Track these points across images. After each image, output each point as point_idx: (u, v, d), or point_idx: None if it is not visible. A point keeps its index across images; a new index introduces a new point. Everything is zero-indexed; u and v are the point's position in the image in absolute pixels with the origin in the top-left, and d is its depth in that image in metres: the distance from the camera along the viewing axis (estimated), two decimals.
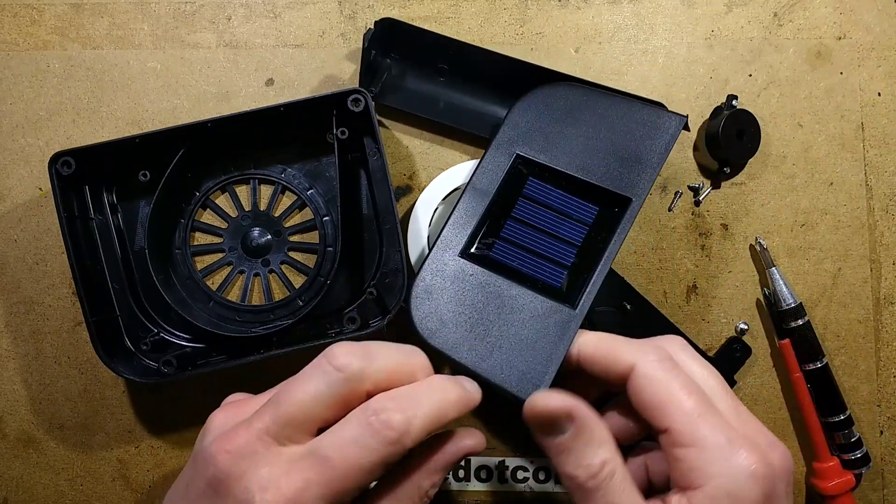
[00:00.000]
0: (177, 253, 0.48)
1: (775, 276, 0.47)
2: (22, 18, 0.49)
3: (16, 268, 0.49)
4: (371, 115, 0.43)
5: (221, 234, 0.49)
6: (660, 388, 0.33)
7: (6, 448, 0.49)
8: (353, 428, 0.30)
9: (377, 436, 0.30)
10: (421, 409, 0.31)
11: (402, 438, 0.30)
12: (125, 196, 0.47)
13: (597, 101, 0.42)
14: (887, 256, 0.49)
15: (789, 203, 0.49)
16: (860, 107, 0.49)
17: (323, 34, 0.50)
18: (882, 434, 0.49)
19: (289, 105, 0.43)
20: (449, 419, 0.33)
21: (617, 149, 0.41)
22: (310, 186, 0.48)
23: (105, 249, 0.46)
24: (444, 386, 0.33)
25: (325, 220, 0.48)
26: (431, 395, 0.32)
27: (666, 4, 0.50)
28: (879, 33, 0.50)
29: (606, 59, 0.49)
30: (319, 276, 0.48)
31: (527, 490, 0.48)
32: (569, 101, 0.42)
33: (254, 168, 0.48)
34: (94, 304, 0.44)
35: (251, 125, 0.45)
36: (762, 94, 0.49)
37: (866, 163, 0.49)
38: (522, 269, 0.41)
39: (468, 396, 0.34)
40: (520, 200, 0.42)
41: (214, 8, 0.50)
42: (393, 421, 0.30)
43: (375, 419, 0.30)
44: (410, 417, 0.31)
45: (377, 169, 0.46)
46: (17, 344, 0.49)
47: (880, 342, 0.49)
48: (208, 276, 0.48)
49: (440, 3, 0.49)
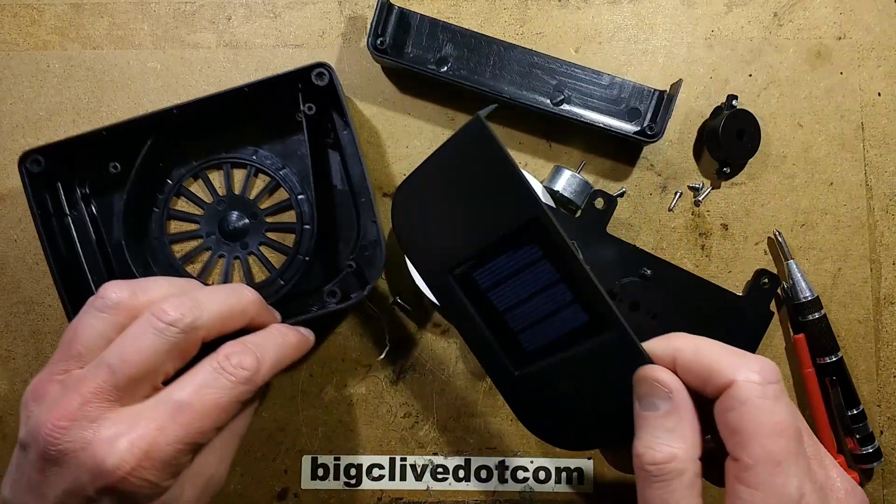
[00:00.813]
0: (154, 242, 0.48)
1: (793, 269, 0.47)
2: (22, 18, 0.49)
3: (16, 268, 0.49)
4: (336, 88, 0.43)
5: (198, 221, 0.49)
6: (749, 416, 0.29)
7: (6, 448, 0.49)
8: (208, 373, 0.33)
9: (231, 376, 0.33)
10: (268, 351, 0.35)
11: (253, 377, 0.33)
12: (99, 190, 0.47)
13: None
14: (887, 256, 0.49)
15: (789, 203, 0.49)
16: (860, 107, 0.49)
17: (323, 34, 0.50)
18: (882, 434, 0.49)
19: (253, 85, 0.43)
20: (290, 360, 0.37)
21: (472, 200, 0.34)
22: (283, 166, 0.48)
23: (83, 244, 0.46)
24: (284, 332, 0.38)
25: (301, 198, 0.48)
26: (275, 339, 0.36)
27: (666, 4, 0.50)
28: (879, 33, 0.50)
29: (606, 59, 0.49)
30: (299, 255, 0.48)
31: (527, 490, 0.48)
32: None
33: (225, 152, 0.48)
34: (74, 300, 0.44)
35: (218, 109, 0.45)
36: (762, 94, 0.49)
37: (866, 163, 0.49)
38: (552, 338, 0.35)
39: (305, 339, 0.39)
40: (486, 295, 0.35)
41: (214, 8, 0.50)
42: (245, 362, 0.33)
43: (227, 363, 0.33)
44: (260, 358, 0.34)
45: (348, 143, 0.47)
46: (17, 344, 0.49)
47: (880, 342, 0.49)
48: (188, 262, 0.49)
49: (440, 3, 0.49)
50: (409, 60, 0.47)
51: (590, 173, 0.49)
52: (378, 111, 0.49)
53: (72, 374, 0.33)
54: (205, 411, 0.32)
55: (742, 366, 0.30)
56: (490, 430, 0.49)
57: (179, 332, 0.32)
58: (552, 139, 0.49)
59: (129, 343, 0.32)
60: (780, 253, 0.48)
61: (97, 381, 0.31)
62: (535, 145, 0.49)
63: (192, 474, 0.33)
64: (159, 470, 0.30)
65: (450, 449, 0.49)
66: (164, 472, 0.31)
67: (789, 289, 0.48)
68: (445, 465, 0.49)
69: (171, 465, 0.31)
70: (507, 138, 0.49)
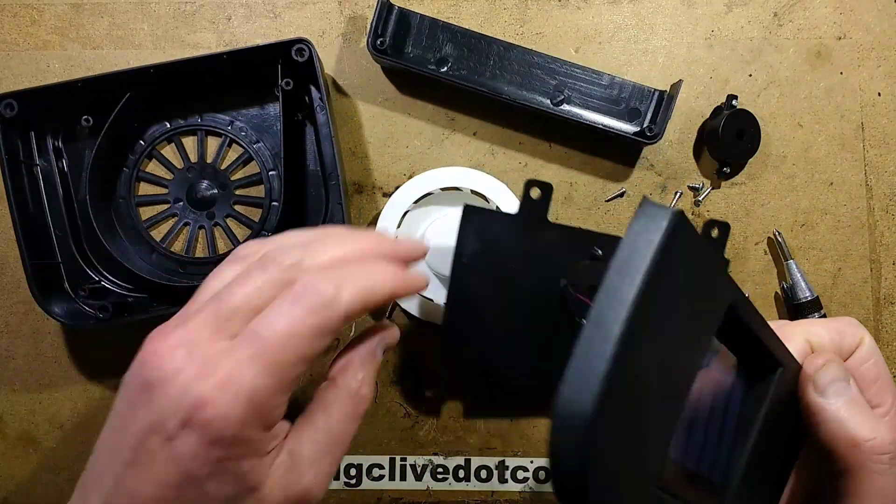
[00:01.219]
0: (121, 202, 0.48)
1: (793, 269, 0.47)
2: (22, 18, 0.49)
3: (16, 268, 0.49)
4: (315, 65, 0.44)
5: (167, 186, 0.49)
6: (851, 423, 0.27)
7: (6, 448, 0.49)
8: (283, 302, 0.30)
9: (305, 301, 0.29)
10: (350, 277, 0.30)
11: (331, 303, 0.29)
12: (71, 143, 0.47)
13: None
14: (887, 256, 0.49)
15: (789, 203, 0.49)
16: (860, 107, 0.49)
17: (323, 34, 0.50)
18: None
19: (232, 53, 0.44)
20: (383, 293, 0.31)
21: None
22: (257, 140, 0.49)
23: (49, 196, 0.47)
24: (378, 260, 0.33)
25: (272, 174, 0.48)
26: (364, 265, 0.32)
27: (666, 4, 0.50)
28: (879, 33, 0.50)
29: (606, 59, 0.49)
30: (264, 231, 0.48)
31: (527, 490, 0.48)
32: None
33: (201, 120, 0.48)
34: (34, 249, 0.44)
35: (196, 74, 0.45)
36: (762, 94, 0.49)
37: (866, 163, 0.49)
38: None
39: (406, 276, 0.33)
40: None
41: (214, 8, 0.50)
42: (320, 286, 0.30)
43: (301, 287, 0.30)
44: (339, 283, 0.30)
45: (323, 123, 0.47)
46: (17, 344, 0.49)
47: (880, 342, 0.49)
48: (153, 227, 0.49)
49: (440, 3, 0.49)
50: (408, 61, 0.47)
51: (590, 173, 0.49)
52: (378, 111, 0.49)
53: (188, 309, 0.32)
54: (281, 340, 0.29)
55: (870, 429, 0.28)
56: (490, 430, 0.49)
57: (283, 269, 0.30)
58: (552, 139, 0.49)
59: (240, 279, 0.31)
60: (779, 253, 0.48)
61: (204, 312, 0.30)
62: (535, 145, 0.49)
63: (282, 474, 0.31)
64: (243, 406, 0.28)
65: (450, 449, 0.49)
66: (247, 411, 0.28)
67: (789, 289, 0.48)
68: (445, 465, 0.49)
69: (254, 402, 0.28)
70: (507, 138, 0.49)
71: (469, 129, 0.49)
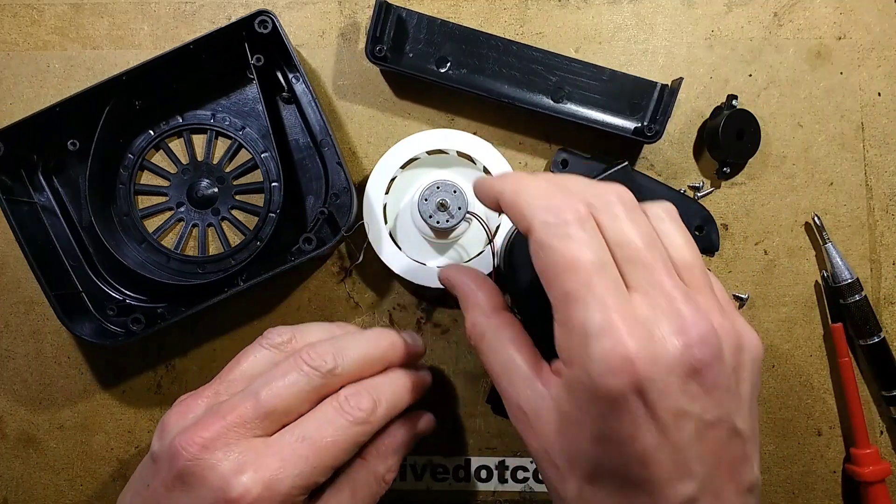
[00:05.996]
0: (125, 219, 0.48)
1: (832, 252, 0.47)
2: (22, 18, 0.49)
3: (16, 268, 0.49)
4: (282, 36, 0.44)
5: (166, 192, 0.49)
6: (545, 258, 0.28)
7: (6, 448, 0.49)
8: (328, 412, 0.34)
9: (349, 416, 0.34)
10: (384, 393, 0.36)
11: (369, 418, 0.34)
12: (63, 174, 0.47)
13: None
14: (887, 256, 0.49)
15: (789, 203, 0.49)
16: (860, 107, 0.49)
17: (323, 34, 0.50)
18: (882, 434, 0.49)
19: (198, 41, 0.44)
20: (406, 403, 0.38)
21: None
22: (242, 126, 0.48)
23: (54, 229, 0.47)
24: (402, 374, 0.38)
25: (265, 156, 0.48)
26: (393, 381, 0.37)
27: (666, 4, 0.50)
28: (879, 33, 0.50)
29: (606, 59, 0.49)
30: (270, 212, 0.48)
31: (527, 490, 0.48)
32: None
33: (182, 119, 0.48)
34: (52, 281, 0.44)
35: (167, 71, 0.45)
36: (762, 94, 0.49)
37: (866, 163, 0.49)
38: None
39: (421, 382, 0.39)
40: None
41: (214, 8, 0.50)
42: (362, 403, 0.34)
43: (346, 402, 0.34)
44: (376, 400, 0.35)
45: (302, 93, 0.47)
46: (17, 344, 0.49)
47: None
48: (162, 235, 0.49)
49: (440, 3, 0.49)
50: (408, 64, 0.47)
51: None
52: (378, 111, 0.49)
53: (220, 396, 0.35)
54: (323, 448, 0.33)
55: (540, 209, 0.29)
56: (490, 430, 0.49)
57: (321, 376, 0.34)
58: (552, 139, 0.49)
59: (277, 378, 0.34)
60: (818, 237, 0.48)
61: (242, 408, 0.33)
62: (535, 145, 0.49)
63: None
64: (280, 501, 0.31)
65: (450, 449, 0.49)
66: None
67: (829, 274, 0.48)
68: (445, 465, 0.49)
69: (287, 500, 0.32)
70: (507, 138, 0.49)
71: (469, 130, 0.49)
